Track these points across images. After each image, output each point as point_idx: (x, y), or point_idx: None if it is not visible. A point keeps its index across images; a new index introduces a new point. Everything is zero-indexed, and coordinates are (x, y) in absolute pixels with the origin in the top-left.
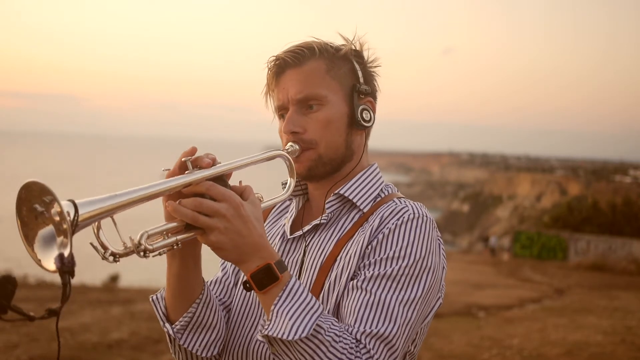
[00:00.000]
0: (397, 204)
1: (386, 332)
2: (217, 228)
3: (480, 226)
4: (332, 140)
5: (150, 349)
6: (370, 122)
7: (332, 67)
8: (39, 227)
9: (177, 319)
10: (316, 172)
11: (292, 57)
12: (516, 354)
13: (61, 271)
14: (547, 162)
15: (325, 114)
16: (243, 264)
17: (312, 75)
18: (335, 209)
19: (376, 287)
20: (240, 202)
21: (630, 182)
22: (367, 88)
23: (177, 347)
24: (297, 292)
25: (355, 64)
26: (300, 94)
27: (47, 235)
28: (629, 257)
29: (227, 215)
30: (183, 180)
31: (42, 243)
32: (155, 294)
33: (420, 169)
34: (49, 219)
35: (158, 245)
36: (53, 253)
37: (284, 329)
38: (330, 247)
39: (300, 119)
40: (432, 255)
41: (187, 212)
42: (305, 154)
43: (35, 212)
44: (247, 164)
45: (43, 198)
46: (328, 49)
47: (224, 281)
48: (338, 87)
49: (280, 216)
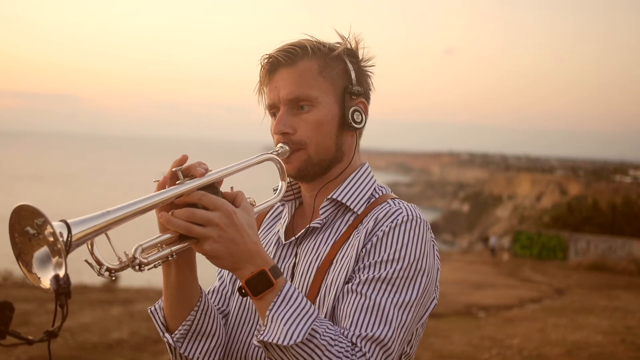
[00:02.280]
0: (392, 205)
1: (381, 335)
2: (211, 237)
3: (480, 226)
4: (322, 142)
5: (150, 349)
6: (361, 123)
7: (325, 67)
8: (34, 250)
9: (176, 328)
10: (306, 173)
11: (285, 56)
12: (516, 354)
13: (57, 292)
14: (547, 162)
15: (316, 115)
16: (238, 270)
17: (304, 75)
18: (330, 213)
19: (371, 290)
20: (233, 209)
21: (630, 182)
22: (360, 89)
23: (177, 357)
24: (292, 297)
25: (349, 64)
26: (292, 94)
27: (42, 256)
28: (629, 257)
29: (220, 224)
30: (174, 192)
31: (38, 264)
32: (154, 305)
33: (420, 169)
34: (43, 239)
35: (153, 257)
36: (49, 274)
37: (278, 334)
38: (326, 250)
39: (290, 119)
40: (427, 257)
41: (180, 223)
42: (294, 155)
43: (29, 235)
44: (238, 169)
45: (35, 220)
46: (321, 49)
47: (221, 290)
48: (330, 88)
49: (274, 222)
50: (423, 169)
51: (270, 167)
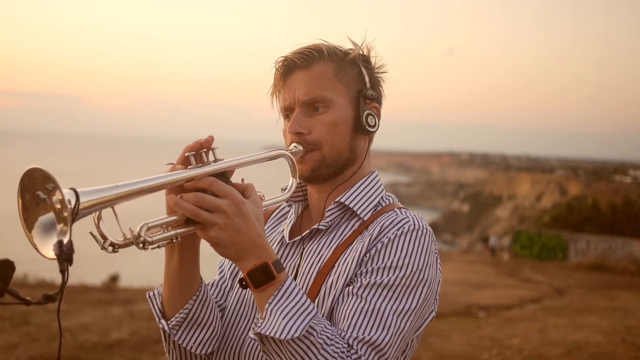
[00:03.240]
0: (398, 214)
1: (378, 340)
2: (217, 224)
3: (480, 226)
4: (336, 143)
5: (150, 349)
6: (375, 127)
7: (340, 70)
8: (40, 214)
9: (173, 315)
10: (319, 173)
11: (301, 58)
12: (516, 354)
13: (59, 258)
14: (547, 162)
15: (330, 117)
16: (241, 261)
17: (320, 77)
18: (336, 216)
19: (372, 295)
20: (242, 199)
21: (630, 182)
22: (373, 93)
23: (171, 345)
24: (293, 292)
25: (363, 68)
26: (307, 95)
27: (47, 222)
28: (629, 257)
29: (228, 211)
30: (185, 175)
31: (41, 230)
32: (152, 290)
33: (420, 169)
34: (50, 206)
35: (157, 237)
36: (52, 240)
37: (276, 328)
38: (329, 253)
39: (305, 120)
40: (429, 268)
41: (188, 206)
42: (309, 155)
43: (38, 199)
44: (250, 161)
45: (45, 185)
46: (337, 53)
47: (220, 284)
48: (345, 91)
49: (279, 222)
50: (423, 169)
51: (280, 166)
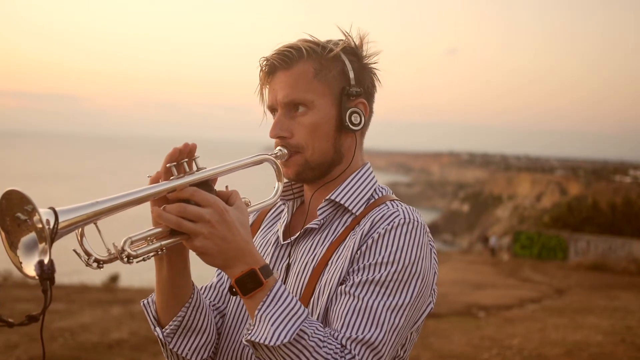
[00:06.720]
0: (389, 207)
1: (372, 338)
2: (202, 233)
3: (480, 226)
4: (319, 146)
5: (150, 349)
6: (359, 125)
7: (321, 69)
8: (22, 234)
9: (167, 323)
10: (304, 176)
11: (280, 59)
12: (516, 354)
13: (41, 278)
14: (547, 162)
15: (311, 119)
16: (228, 269)
17: (299, 79)
18: (328, 214)
19: (364, 292)
20: (225, 207)
21: (630, 182)
22: (359, 89)
23: (168, 352)
24: (282, 297)
25: (348, 63)
26: (287, 97)
27: (29, 242)
28: (629, 257)
29: (212, 220)
30: (166, 186)
31: (25, 250)
32: (147, 298)
33: (420, 169)
34: (32, 226)
35: (142, 251)
36: (35, 259)
37: (266, 334)
38: (322, 251)
39: (287, 122)
40: (422, 261)
41: (171, 217)
42: (292, 159)
43: (19, 221)
44: (234, 168)
45: (24, 207)
46: (317, 51)
47: (218, 287)
48: (326, 91)
49: (275, 221)
50: (423, 169)
51: (268, 169)
